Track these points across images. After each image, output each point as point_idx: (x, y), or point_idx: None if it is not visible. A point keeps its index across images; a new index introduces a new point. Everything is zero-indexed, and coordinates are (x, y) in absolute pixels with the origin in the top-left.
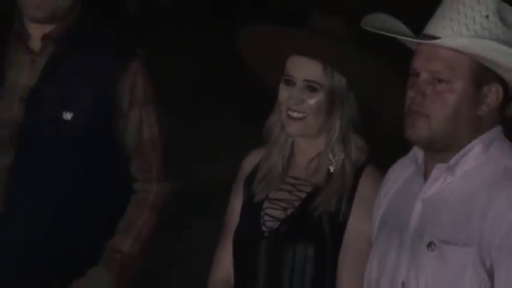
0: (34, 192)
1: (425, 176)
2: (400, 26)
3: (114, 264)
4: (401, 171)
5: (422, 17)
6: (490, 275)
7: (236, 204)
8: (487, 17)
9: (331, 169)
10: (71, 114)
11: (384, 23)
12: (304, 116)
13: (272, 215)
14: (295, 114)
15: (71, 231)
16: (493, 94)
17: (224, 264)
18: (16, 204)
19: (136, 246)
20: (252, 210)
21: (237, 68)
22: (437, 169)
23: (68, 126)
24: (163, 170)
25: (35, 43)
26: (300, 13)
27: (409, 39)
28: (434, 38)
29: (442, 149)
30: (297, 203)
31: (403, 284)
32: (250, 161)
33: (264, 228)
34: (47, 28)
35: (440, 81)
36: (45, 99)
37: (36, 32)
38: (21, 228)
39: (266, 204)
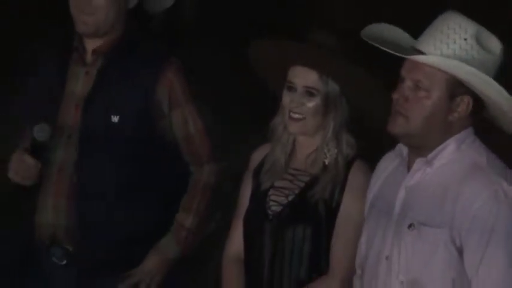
0: (94, 181)
1: (409, 168)
2: (398, 36)
3: (180, 237)
4: (388, 163)
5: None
6: (460, 252)
7: (246, 191)
8: (465, 39)
9: (326, 162)
10: (118, 117)
11: (383, 33)
12: (303, 117)
13: (276, 201)
14: (296, 116)
15: (130, 212)
16: (464, 104)
17: (236, 241)
18: (82, 192)
19: (196, 222)
20: (259, 196)
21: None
22: (418, 162)
23: (116, 128)
24: (211, 154)
25: (88, 56)
26: (299, 28)
27: (395, 53)
28: (420, 52)
29: (417, 144)
30: (297, 191)
31: (387, 257)
32: (257, 155)
33: (269, 212)
34: (97, 43)
35: (420, 88)
36: (96, 105)
37: (89, 47)
38: (89, 210)
39: (271, 191)
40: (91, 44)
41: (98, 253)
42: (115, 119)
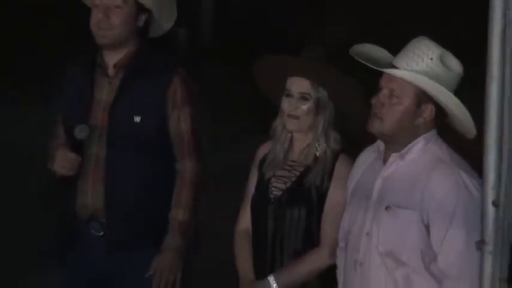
0: (121, 170)
1: (385, 160)
2: (381, 53)
3: (178, 229)
4: (367, 156)
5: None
6: (427, 229)
7: (253, 179)
8: (431, 59)
9: (317, 154)
10: (139, 117)
11: (370, 50)
12: (299, 117)
13: (277, 187)
14: (293, 116)
15: (149, 193)
16: (428, 111)
17: (245, 219)
18: (112, 179)
19: (187, 213)
20: (263, 184)
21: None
22: (393, 156)
23: (138, 126)
24: (194, 151)
25: (110, 70)
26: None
27: (375, 67)
28: (396, 67)
29: (390, 141)
30: (293, 179)
31: (367, 233)
32: (262, 150)
33: (271, 196)
34: (116, 58)
35: (394, 96)
36: (120, 109)
37: (110, 62)
38: (118, 192)
39: (273, 179)
40: (111, 60)
41: (126, 226)
42: (137, 119)
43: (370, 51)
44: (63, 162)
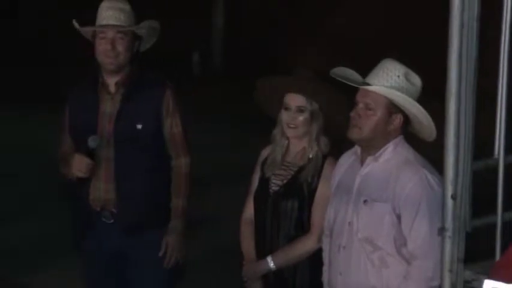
0: (127, 170)
1: (362, 162)
2: (355, 75)
3: (179, 213)
4: (347, 159)
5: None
6: (399, 218)
7: (255, 177)
8: (398, 76)
9: (310, 156)
10: (141, 125)
11: (344, 72)
12: (297, 126)
13: (275, 183)
14: (292, 126)
15: (151, 187)
16: (397, 119)
17: (249, 210)
18: (120, 177)
19: (185, 201)
20: (264, 180)
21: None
22: (368, 159)
23: (140, 132)
24: (187, 149)
25: (111, 88)
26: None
27: (352, 84)
28: (368, 84)
29: (366, 146)
30: (289, 177)
31: (349, 223)
32: (264, 153)
33: (270, 191)
34: (116, 78)
35: (369, 109)
36: (124, 118)
37: (111, 81)
38: (125, 187)
39: (272, 177)
40: (112, 80)
41: (133, 213)
42: (139, 126)
43: (346, 73)
44: (79, 166)
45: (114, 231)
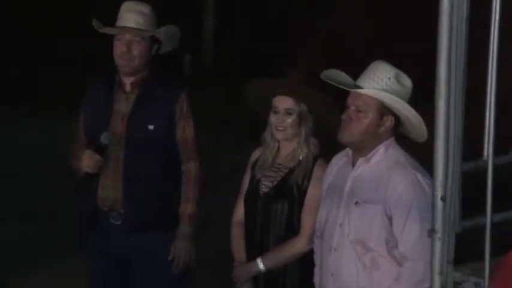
0: (137, 169)
1: (353, 164)
2: (347, 78)
3: (188, 220)
4: (338, 160)
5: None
6: (390, 220)
7: (246, 178)
8: (389, 78)
9: (300, 158)
10: (153, 126)
11: (336, 75)
12: (285, 128)
13: (265, 185)
14: (280, 128)
15: (160, 188)
16: (388, 121)
17: (239, 211)
18: (128, 176)
19: (194, 206)
20: (254, 182)
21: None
22: (360, 160)
23: (152, 133)
24: (197, 154)
25: (127, 87)
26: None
27: (344, 87)
28: (359, 87)
29: (357, 149)
30: (279, 178)
31: (340, 224)
32: (254, 155)
33: (260, 192)
34: (132, 78)
35: (360, 111)
36: (137, 119)
37: (127, 81)
38: (133, 187)
39: (262, 179)
40: (128, 80)
41: (140, 214)
42: (151, 127)
43: (338, 75)
44: (89, 162)
45: (120, 232)
